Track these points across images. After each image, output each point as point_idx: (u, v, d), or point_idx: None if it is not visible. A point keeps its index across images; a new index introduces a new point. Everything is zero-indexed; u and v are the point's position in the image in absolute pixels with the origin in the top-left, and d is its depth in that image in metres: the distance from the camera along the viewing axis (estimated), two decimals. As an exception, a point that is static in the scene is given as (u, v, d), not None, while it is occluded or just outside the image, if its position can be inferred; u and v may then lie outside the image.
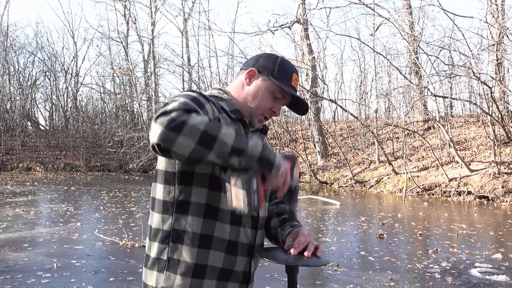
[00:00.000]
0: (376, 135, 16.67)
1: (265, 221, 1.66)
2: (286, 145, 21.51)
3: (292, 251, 1.45)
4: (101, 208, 10.90)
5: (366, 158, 17.51)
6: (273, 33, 20.49)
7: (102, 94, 30.96)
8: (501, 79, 14.52)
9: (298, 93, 1.61)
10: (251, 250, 1.54)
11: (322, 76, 22.38)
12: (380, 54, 18.11)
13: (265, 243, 1.67)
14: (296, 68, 1.64)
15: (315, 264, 1.46)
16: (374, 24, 19.60)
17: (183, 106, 1.26)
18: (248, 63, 1.63)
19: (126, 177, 20.73)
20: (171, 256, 1.44)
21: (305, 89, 18.05)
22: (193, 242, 1.44)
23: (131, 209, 10.84)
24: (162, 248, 1.46)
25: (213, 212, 1.44)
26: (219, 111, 1.48)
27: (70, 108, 30.51)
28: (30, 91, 29.77)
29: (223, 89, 1.62)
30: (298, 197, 1.50)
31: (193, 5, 24.87)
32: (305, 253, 1.45)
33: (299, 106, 1.66)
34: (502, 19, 13.78)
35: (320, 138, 19.39)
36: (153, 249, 1.48)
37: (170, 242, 1.44)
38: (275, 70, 1.57)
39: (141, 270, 5.48)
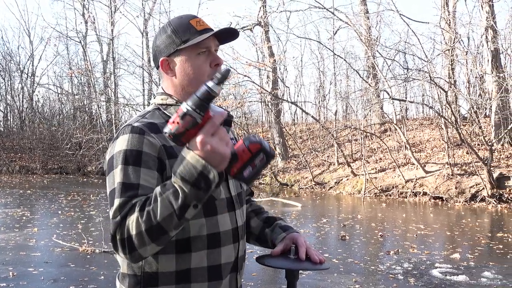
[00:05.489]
0: (335, 137, 16.92)
1: None
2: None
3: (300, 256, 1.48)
4: (59, 212, 10.60)
5: (326, 160, 17.76)
6: (234, 35, 20.44)
7: (60, 95, 30.07)
8: (454, 83, 15.06)
9: (214, 27, 1.46)
10: (236, 264, 1.48)
11: (283, 79, 22.54)
12: (339, 57, 18.43)
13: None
14: (190, 14, 1.47)
15: (320, 268, 1.50)
16: (333, 27, 19.94)
17: (119, 218, 1.21)
18: (153, 58, 1.50)
19: (85, 179, 20.25)
20: None
21: (266, 91, 18.14)
22: (170, 281, 1.34)
23: (91, 213, 10.58)
24: None
25: (185, 244, 1.35)
26: (159, 129, 1.35)
27: (26, 109, 29.47)
28: (-18, 91, 28.64)
29: (166, 92, 1.47)
30: (259, 199, 1.42)
31: (153, 6, 24.54)
32: (315, 258, 1.48)
33: (228, 34, 1.46)
34: (455, 25, 14.30)
35: (281, 140, 19.55)
36: None
37: None
38: (175, 39, 1.42)
39: (102, 277, 5.37)
